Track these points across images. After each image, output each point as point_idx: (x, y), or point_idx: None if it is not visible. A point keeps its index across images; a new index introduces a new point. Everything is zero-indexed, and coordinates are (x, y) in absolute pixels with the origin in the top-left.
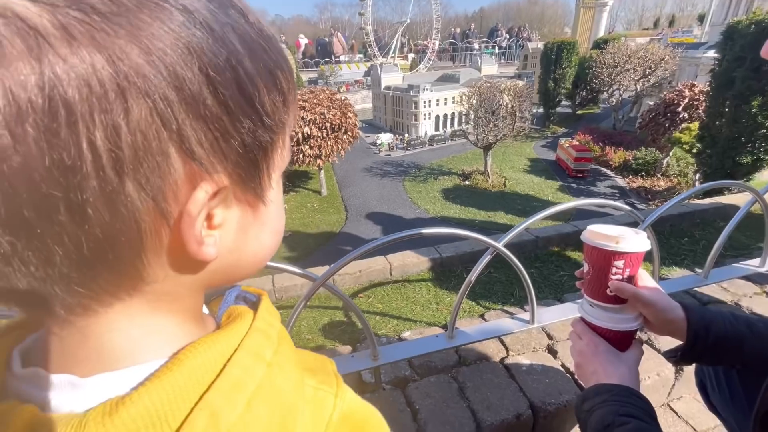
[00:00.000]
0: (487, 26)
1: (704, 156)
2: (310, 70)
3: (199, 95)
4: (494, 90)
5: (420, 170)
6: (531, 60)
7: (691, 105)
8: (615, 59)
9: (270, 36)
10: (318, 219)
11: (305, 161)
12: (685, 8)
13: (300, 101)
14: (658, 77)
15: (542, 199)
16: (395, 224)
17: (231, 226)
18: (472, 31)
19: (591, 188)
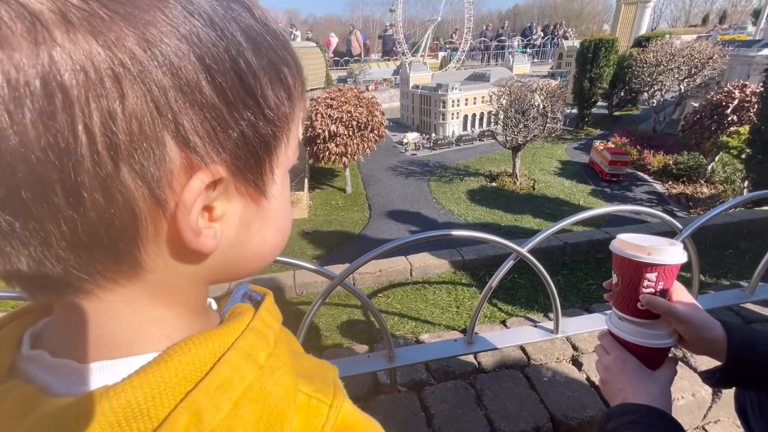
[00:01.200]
0: (522, 24)
1: (754, 162)
2: (340, 69)
3: (195, 84)
4: (525, 89)
5: (446, 170)
6: (566, 59)
7: (741, 107)
8: (657, 58)
9: (277, 32)
10: (342, 217)
11: (331, 159)
12: (738, 3)
13: (327, 99)
14: (705, 77)
15: (572, 204)
16: (418, 224)
17: (232, 219)
18: (506, 30)
19: (626, 193)
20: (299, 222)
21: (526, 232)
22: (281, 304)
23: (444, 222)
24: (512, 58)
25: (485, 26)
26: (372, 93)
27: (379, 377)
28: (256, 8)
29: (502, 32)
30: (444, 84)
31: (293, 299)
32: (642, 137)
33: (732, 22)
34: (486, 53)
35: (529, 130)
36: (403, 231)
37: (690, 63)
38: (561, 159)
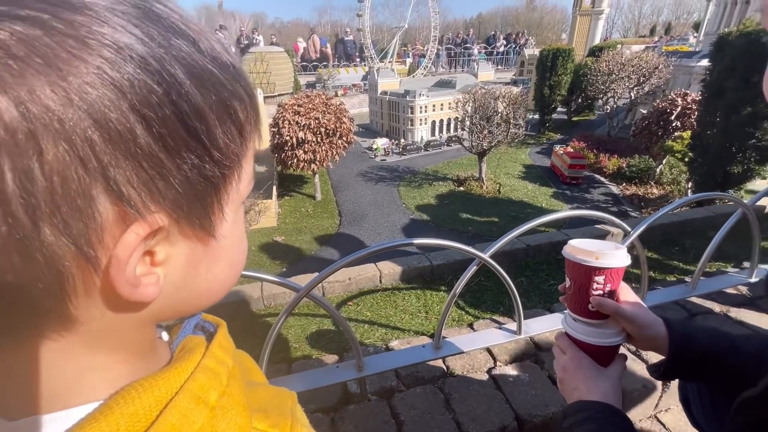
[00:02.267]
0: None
1: (696, 165)
2: (309, 74)
3: (128, 134)
4: (489, 97)
5: (415, 175)
6: (527, 66)
7: (683, 114)
8: (609, 67)
9: (227, 63)
10: (312, 224)
11: (299, 166)
12: (681, 16)
13: (295, 106)
14: (652, 85)
15: (536, 206)
16: (389, 230)
17: (178, 262)
18: (470, 37)
19: (585, 195)
20: (268, 231)
21: (493, 234)
22: (248, 318)
23: (414, 228)
24: (477, 65)
25: (452, 34)
26: (341, 99)
27: (349, 387)
28: (204, 39)
29: (468, 39)
30: (412, 90)
31: (261, 312)
32: (598, 141)
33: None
34: (452, 60)
35: (493, 136)
36: (374, 237)
37: (638, 72)
38: (525, 163)
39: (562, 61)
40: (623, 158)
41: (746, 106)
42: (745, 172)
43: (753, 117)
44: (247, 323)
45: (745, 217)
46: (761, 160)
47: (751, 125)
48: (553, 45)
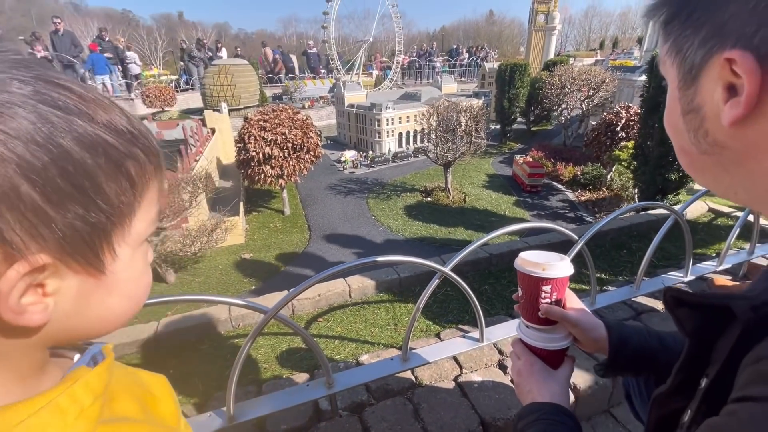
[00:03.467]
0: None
1: (639, 173)
2: (275, 86)
3: (12, 191)
4: (452, 110)
5: (383, 187)
6: (488, 79)
7: (628, 125)
8: (562, 81)
9: (124, 130)
10: (280, 239)
11: (267, 181)
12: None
13: (261, 122)
14: (601, 98)
15: (499, 214)
16: (358, 243)
17: (68, 293)
18: (434, 50)
19: (544, 202)
20: (236, 248)
21: (459, 243)
22: (217, 340)
23: (383, 240)
24: (441, 78)
25: (416, 47)
26: (308, 111)
27: (320, 404)
28: (102, 113)
29: (431, 52)
30: (378, 103)
31: (229, 333)
32: (555, 151)
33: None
34: (417, 72)
35: (457, 148)
36: (344, 251)
37: (588, 85)
38: (488, 172)
39: (519, 75)
40: (578, 166)
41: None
42: (681, 179)
43: None
44: (215, 345)
45: (678, 222)
46: None
47: None
48: (510, 60)
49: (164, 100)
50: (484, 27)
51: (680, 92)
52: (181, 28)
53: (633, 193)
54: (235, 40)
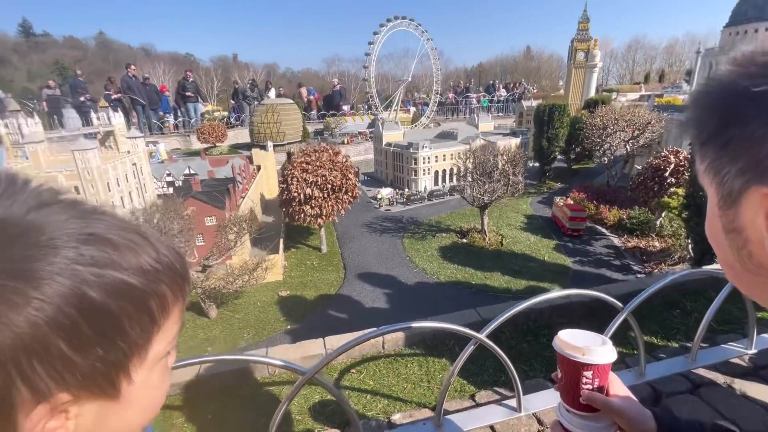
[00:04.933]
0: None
1: (692, 223)
2: (317, 122)
3: (43, 346)
4: (488, 153)
5: (419, 226)
6: (526, 117)
7: (677, 171)
8: (603, 121)
9: (150, 269)
10: (317, 278)
11: (306, 220)
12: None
13: (303, 163)
14: (646, 139)
15: (538, 260)
16: (392, 285)
17: (88, 416)
18: (471, 86)
19: (587, 247)
20: (274, 285)
21: (496, 290)
22: (254, 386)
23: (417, 282)
24: (477, 116)
25: (453, 83)
26: (347, 147)
27: None
28: (131, 258)
29: (469, 88)
30: (415, 143)
31: (266, 380)
32: (598, 192)
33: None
34: (454, 108)
35: (494, 190)
36: (378, 293)
37: (632, 126)
38: (526, 213)
39: (558, 115)
40: (623, 209)
41: None
42: None
43: None
44: (253, 391)
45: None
46: None
47: None
48: (549, 101)
49: (216, 136)
50: (521, 62)
51: (720, 210)
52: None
53: (686, 243)
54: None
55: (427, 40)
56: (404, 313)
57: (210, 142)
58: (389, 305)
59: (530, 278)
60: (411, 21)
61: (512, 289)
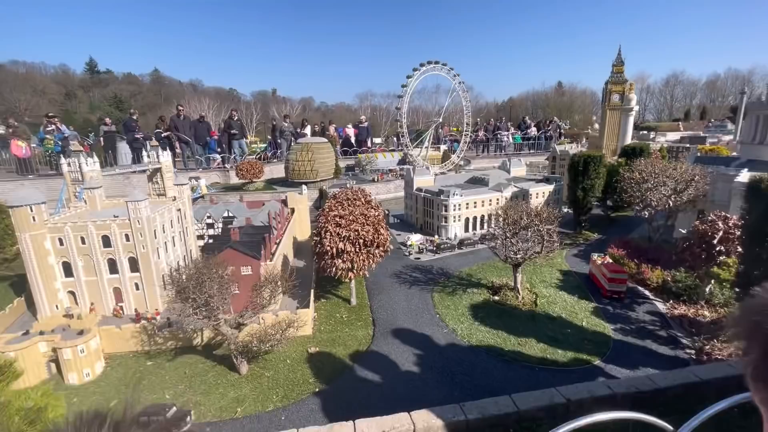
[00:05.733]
0: (517, 113)
1: None
2: (349, 158)
3: None
4: (521, 211)
5: (449, 279)
6: (559, 161)
7: (726, 238)
8: (643, 176)
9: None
10: (346, 334)
11: (338, 273)
12: (716, 99)
13: (337, 218)
14: (690, 195)
15: (575, 325)
16: (422, 346)
17: None
18: (503, 124)
19: (628, 313)
20: (303, 340)
21: (530, 359)
22: None
23: (447, 343)
24: (509, 161)
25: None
26: (378, 184)
27: None
28: None
29: (500, 126)
30: (446, 189)
31: None
32: (638, 249)
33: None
34: (486, 145)
35: (527, 250)
36: (407, 353)
37: (674, 181)
38: (561, 268)
39: (594, 166)
40: (667, 270)
41: None
42: None
43: None
44: None
45: None
46: None
47: None
48: (581, 141)
49: (254, 173)
50: (553, 97)
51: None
52: (273, 102)
53: None
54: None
55: (458, 83)
56: (435, 382)
57: (247, 179)
58: (419, 369)
59: (567, 347)
60: (444, 66)
61: (548, 358)
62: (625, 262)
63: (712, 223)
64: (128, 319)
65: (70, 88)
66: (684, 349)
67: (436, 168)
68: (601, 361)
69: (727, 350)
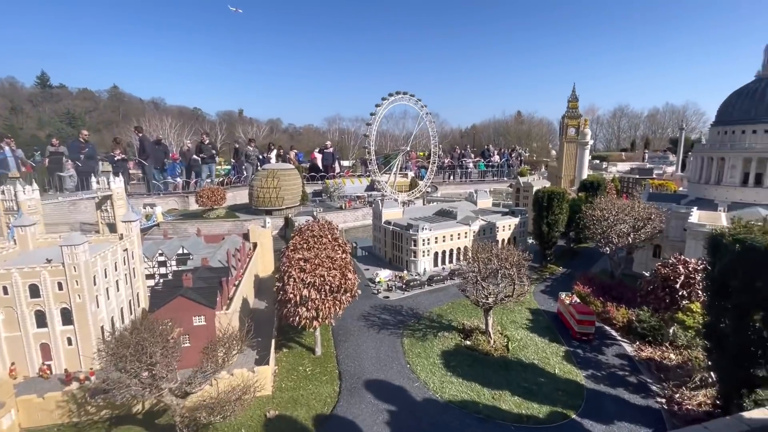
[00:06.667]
0: (480, 139)
1: (714, 357)
2: (315, 183)
3: None
4: (491, 254)
5: (419, 321)
6: (523, 193)
7: (687, 283)
8: (604, 214)
9: None
10: (309, 392)
11: (301, 323)
12: (656, 131)
13: (301, 261)
14: (647, 233)
15: (548, 373)
16: (393, 401)
17: None
18: (467, 152)
19: (599, 357)
20: (262, 401)
21: (506, 417)
22: None
23: (420, 399)
24: (476, 194)
25: (449, 149)
26: (345, 212)
27: None
28: None
29: (465, 153)
30: (415, 224)
31: None
32: (602, 286)
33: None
34: (452, 172)
35: (498, 292)
36: (376, 414)
37: (633, 218)
38: (530, 307)
39: (557, 202)
40: (631, 309)
41: (757, 309)
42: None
43: (766, 320)
44: None
45: None
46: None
47: (767, 330)
48: (547, 189)
49: (215, 200)
50: (513, 125)
51: None
52: (239, 123)
53: (707, 377)
54: (285, 134)
55: (426, 113)
56: None
57: (208, 206)
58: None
59: (542, 400)
60: (411, 96)
61: (524, 414)
62: (591, 301)
63: (673, 266)
64: (57, 380)
65: (17, 102)
66: (655, 397)
67: (404, 195)
68: (577, 415)
69: (696, 399)
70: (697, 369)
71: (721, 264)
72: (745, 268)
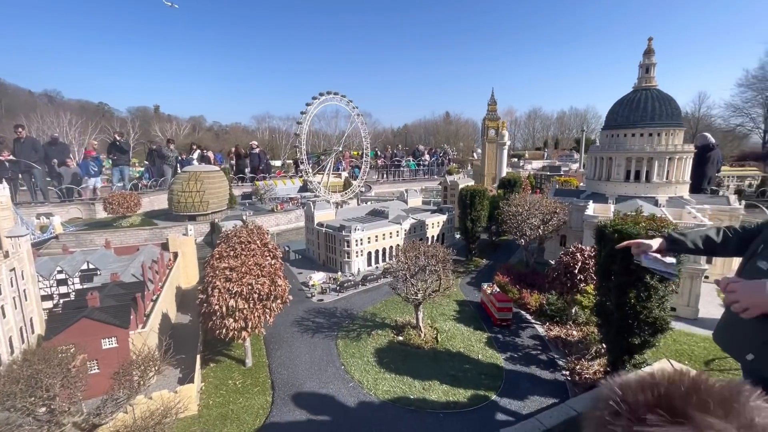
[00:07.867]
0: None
1: (603, 331)
2: (245, 185)
3: None
4: (418, 252)
5: (353, 321)
6: (450, 191)
7: (584, 268)
8: (518, 210)
9: None
10: (239, 406)
11: (229, 334)
12: (564, 132)
13: (226, 270)
14: (554, 225)
15: (473, 359)
16: (327, 408)
17: None
18: (399, 152)
19: (516, 339)
20: (187, 422)
21: (435, 405)
22: None
23: (355, 402)
24: (407, 193)
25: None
26: (278, 214)
27: None
28: None
29: (397, 153)
30: (347, 225)
31: None
32: (519, 275)
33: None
34: (385, 171)
35: (426, 287)
36: (310, 422)
37: (542, 212)
38: (457, 298)
39: (479, 199)
40: (542, 294)
41: (632, 289)
42: (644, 343)
43: (638, 298)
44: None
45: None
46: (653, 332)
47: (639, 305)
48: (470, 187)
49: (127, 206)
50: (442, 126)
51: None
52: (155, 120)
53: (600, 348)
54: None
55: (357, 114)
56: None
57: (119, 213)
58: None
59: (467, 385)
60: (343, 97)
61: (452, 401)
62: (509, 289)
63: (572, 254)
64: None
65: None
66: (561, 371)
67: (337, 196)
68: (497, 395)
69: (592, 369)
70: (593, 342)
71: (605, 251)
72: (622, 254)
